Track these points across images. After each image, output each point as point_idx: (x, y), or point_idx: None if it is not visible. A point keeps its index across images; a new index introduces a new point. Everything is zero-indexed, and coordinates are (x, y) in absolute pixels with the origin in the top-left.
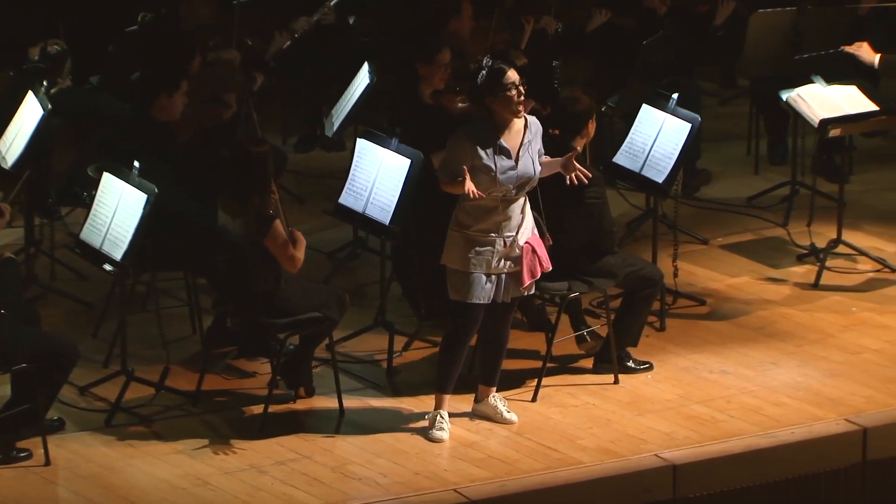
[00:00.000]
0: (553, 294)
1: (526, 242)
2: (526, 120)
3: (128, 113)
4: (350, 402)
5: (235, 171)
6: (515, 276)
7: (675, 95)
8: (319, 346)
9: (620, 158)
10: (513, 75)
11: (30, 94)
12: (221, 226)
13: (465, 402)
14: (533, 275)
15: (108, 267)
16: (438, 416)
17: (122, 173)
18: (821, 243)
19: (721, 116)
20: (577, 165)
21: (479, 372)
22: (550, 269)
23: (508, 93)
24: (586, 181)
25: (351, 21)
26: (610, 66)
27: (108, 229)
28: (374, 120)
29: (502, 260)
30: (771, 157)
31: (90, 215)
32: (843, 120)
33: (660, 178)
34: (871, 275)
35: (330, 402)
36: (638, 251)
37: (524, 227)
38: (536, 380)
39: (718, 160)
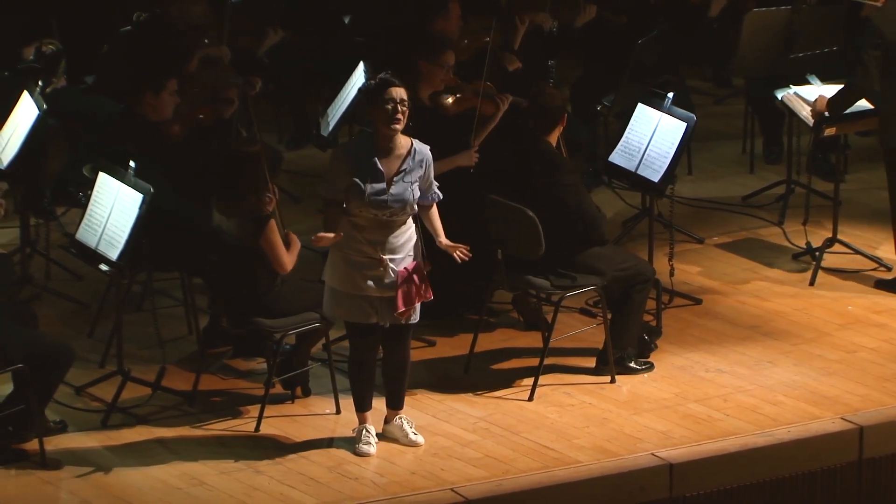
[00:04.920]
0: (548, 294)
1: (404, 268)
2: (412, 147)
3: (120, 113)
4: (346, 402)
5: (228, 171)
6: (391, 302)
7: (670, 95)
8: (316, 346)
9: (616, 157)
10: (396, 92)
11: (25, 94)
12: (216, 226)
13: (462, 402)
14: (408, 302)
15: (103, 267)
16: (364, 431)
17: (118, 173)
18: (816, 242)
19: (715, 115)
20: (453, 245)
21: (385, 396)
22: (431, 298)
23: (385, 106)
24: (468, 257)
25: (346, 21)
26: (602, 65)
27: (103, 229)
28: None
29: (373, 283)
30: (766, 157)
31: (86, 215)
32: (838, 119)
33: (655, 177)
34: (866, 273)
35: (326, 402)
36: (634, 250)
37: (402, 253)
38: (533, 379)
39: (713, 159)
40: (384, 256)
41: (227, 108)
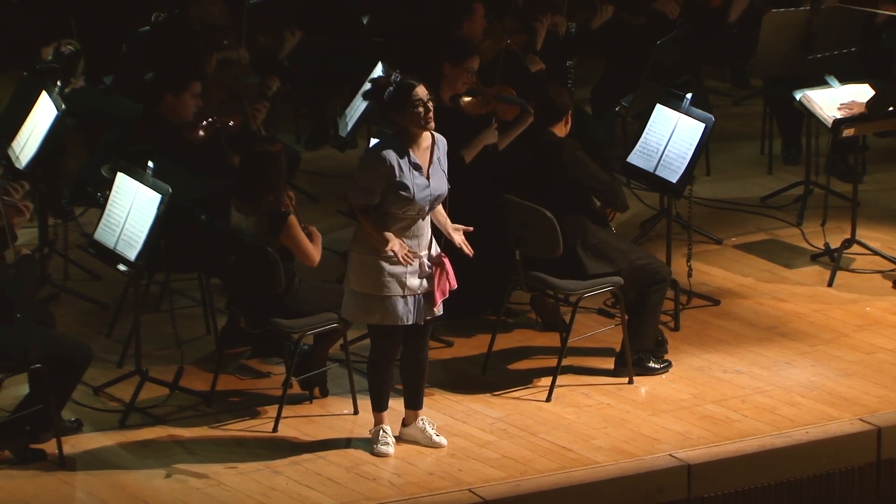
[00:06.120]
0: (566, 294)
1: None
2: (433, 137)
3: (139, 113)
4: (364, 402)
5: (248, 170)
6: (428, 296)
7: (688, 95)
8: (334, 346)
9: (634, 158)
10: (421, 92)
11: (43, 94)
12: (234, 226)
13: (479, 403)
14: (444, 292)
15: (122, 267)
16: (381, 431)
17: (136, 173)
18: (835, 243)
19: (734, 116)
20: (464, 239)
21: (404, 396)
22: (456, 286)
23: (416, 109)
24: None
25: (365, 21)
26: (621, 66)
27: (122, 229)
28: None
29: (413, 280)
30: (785, 158)
31: (104, 215)
32: (856, 120)
33: (674, 178)
34: (885, 274)
35: (344, 403)
36: (652, 251)
37: (431, 248)
38: (551, 379)
39: (731, 160)
40: (423, 252)
41: (254, 121)
